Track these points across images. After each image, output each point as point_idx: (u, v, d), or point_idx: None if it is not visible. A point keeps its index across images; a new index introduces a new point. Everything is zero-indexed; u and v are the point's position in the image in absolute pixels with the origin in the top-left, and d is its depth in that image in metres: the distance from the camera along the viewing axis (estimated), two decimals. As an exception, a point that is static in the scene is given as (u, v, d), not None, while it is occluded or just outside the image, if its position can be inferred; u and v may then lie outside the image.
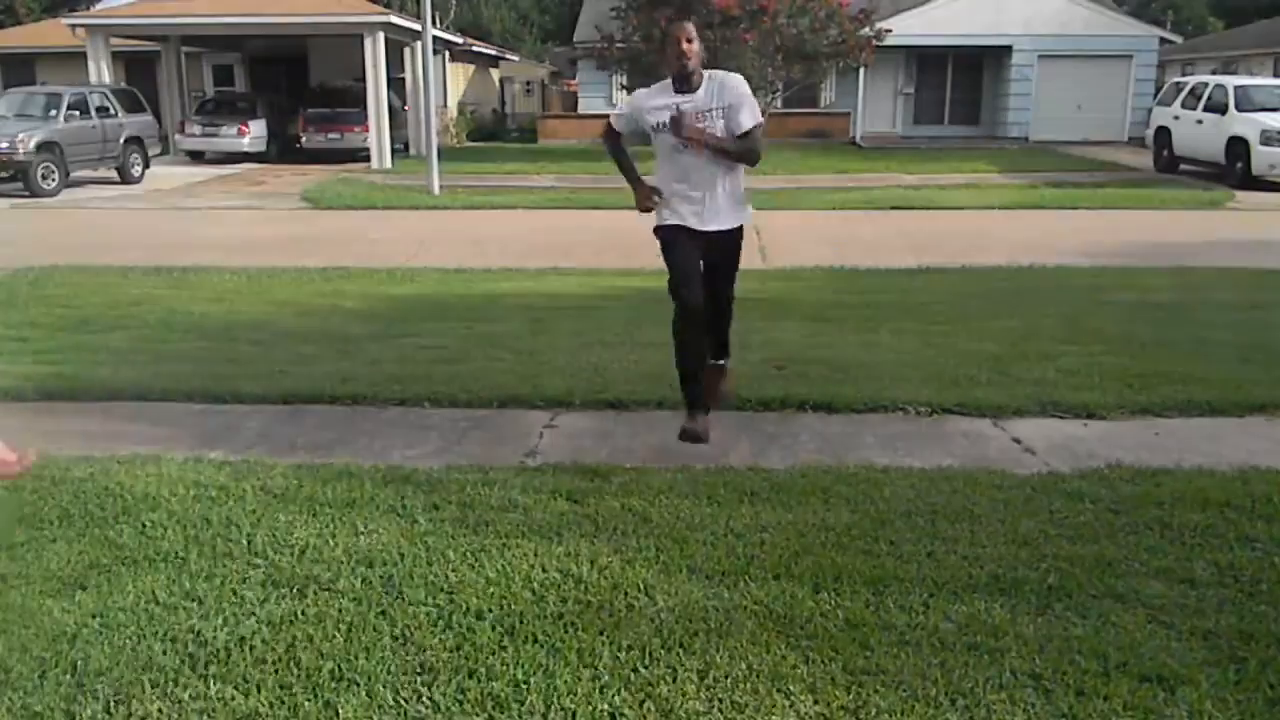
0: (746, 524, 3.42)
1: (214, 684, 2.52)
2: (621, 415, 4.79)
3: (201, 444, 4.41)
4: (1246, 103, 16.86)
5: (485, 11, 49.58)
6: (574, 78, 31.17)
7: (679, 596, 2.92)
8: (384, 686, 2.50)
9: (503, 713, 2.38)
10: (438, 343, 6.29)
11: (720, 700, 2.41)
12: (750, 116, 4.02)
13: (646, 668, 2.55)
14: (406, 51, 23.93)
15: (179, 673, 2.58)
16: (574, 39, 27.93)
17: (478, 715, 2.38)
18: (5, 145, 15.45)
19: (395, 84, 23.28)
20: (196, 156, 22.42)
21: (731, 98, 4.01)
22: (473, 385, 5.18)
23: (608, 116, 4.54)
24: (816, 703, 2.40)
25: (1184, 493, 3.67)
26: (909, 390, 4.97)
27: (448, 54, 27.28)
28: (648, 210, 4.21)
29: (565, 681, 2.49)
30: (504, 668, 2.56)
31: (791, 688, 2.46)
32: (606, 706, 2.36)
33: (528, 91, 37.86)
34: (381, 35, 20.96)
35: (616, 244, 10.22)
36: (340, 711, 2.41)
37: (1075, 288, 8.21)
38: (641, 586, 2.97)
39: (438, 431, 4.61)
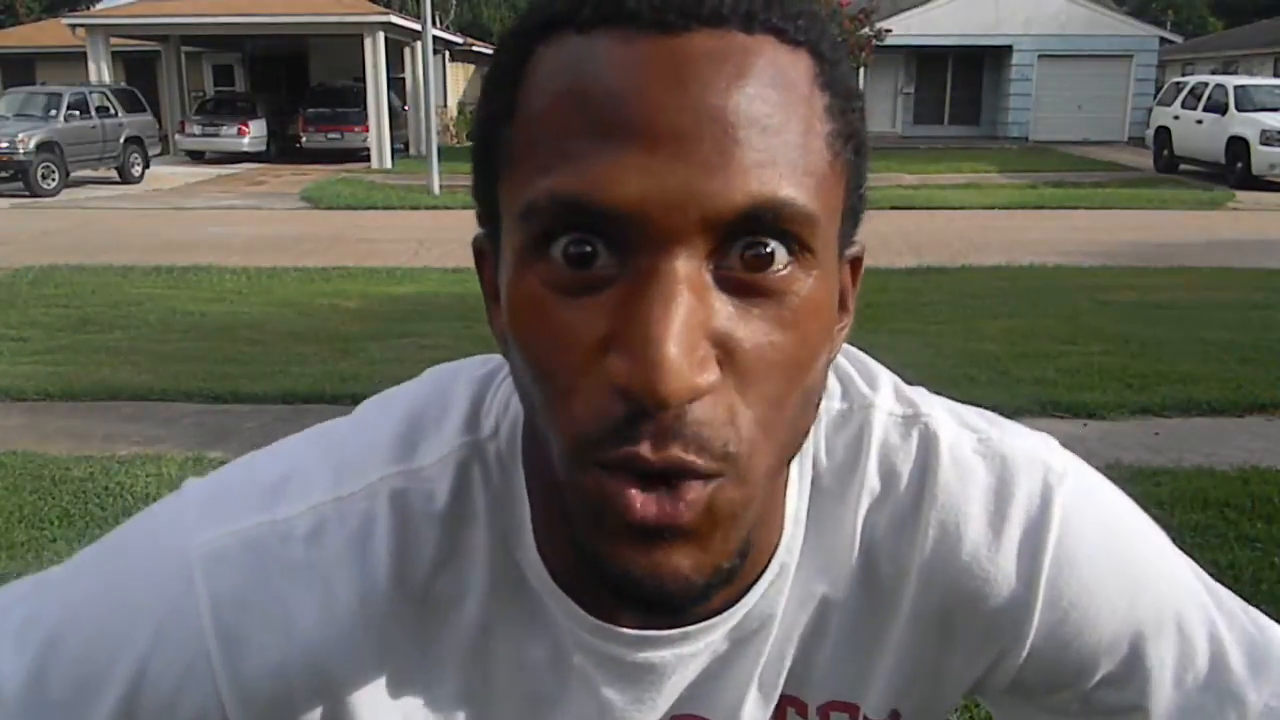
0: (746, 524, 3.41)
1: (214, 684, 2.52)
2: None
3: (201, 444, 4.41)
4: (1246, 103, 16.85)
5: (485, 11, 49.63)
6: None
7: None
8: (384, 686, 2.50)
9: (502, 713, 2.38)
10: (438, 343, 6.29)
11: (720, 700, 2.41)
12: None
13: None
14: (406, 51, 23.93)
15: None
16: (574, 39, 27.91)
17: (478, 715, 2.38)
18: (5, 145, 15.44)
19: (395, 84, 23.27)
20: (196, 156, 22.41)
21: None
22: (473, 385, 5.18)
23: None
24: (816, 703, 2.40)
25: (1184, 493, 3.67)
26: (909, 390, 4.96)
27: (448, 54, 27.28)
28: None
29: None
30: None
31: (791, 688, 2.45)
32: (606, 706, 2.36)
33: (528, 91, 37.84)
34: (381, 35, 20.95)
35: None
36: (340, 711, 2.41)
37: (1075, 288, 8.21)
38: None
39: (438, 431, 4.60)
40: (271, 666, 0.53)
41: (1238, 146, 16.46)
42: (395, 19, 21.76)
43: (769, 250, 0.43)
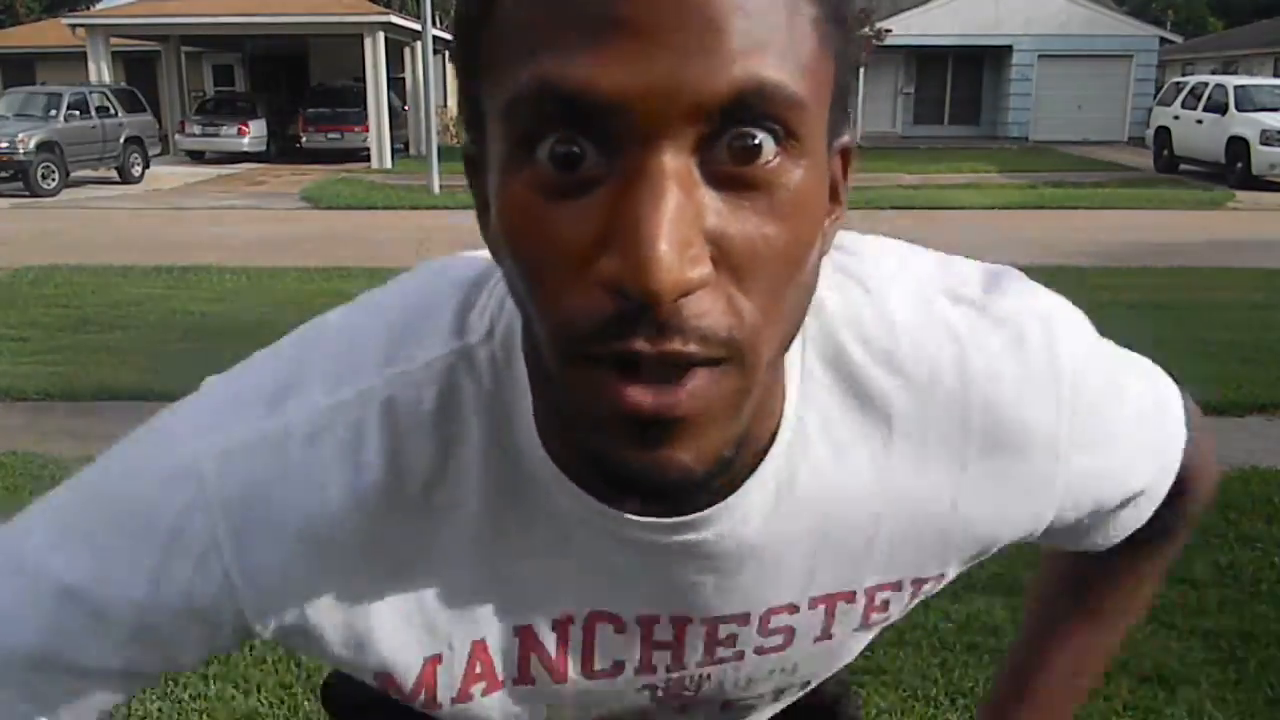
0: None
1: (214, 684, 2.52)
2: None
3: (201, 444, 4.41)
4: (1246, 103, 16.85)
5: (485, 11, 49.57)
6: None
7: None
8: (384, 686, 2.50)
9: (503, 713, 2.38)
10: (438, 343, 6.29)
11: (720, 700, 2.41)
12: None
13: (646, 667, 2.54)
14: (406, 51, 23.94)
15: (179, 672, 2.57)
16: (574, 39, 27.89)
17: (478, 715, 2.38)
18: (5, 145, 15.44)
19: (395, 84, 23.27)
20: (196, 156, 22.41)
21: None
22: (473, 385, 5.18)
23: None
24: (816, 702, 2.40)
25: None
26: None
27: (448, 54, 27.25)
28: None
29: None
30: (504, 668, 2.56)
31: (791, 687, 2.46)
32: (606, 706, 2.36)
33: (528, 91, 37.83)
34: (381, 35, 20.95)
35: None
36: (340, 711, 2.41)
37: (1075, 288, 8.16)
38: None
39: (438, 431, 4.61)
40: (275, 557, 0.56)
41: (1238, 146, 16.46)
42: (395, 19, 21.76)
43: (756, 142, 0.42)
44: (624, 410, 0.43)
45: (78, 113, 16.95)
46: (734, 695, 0.68)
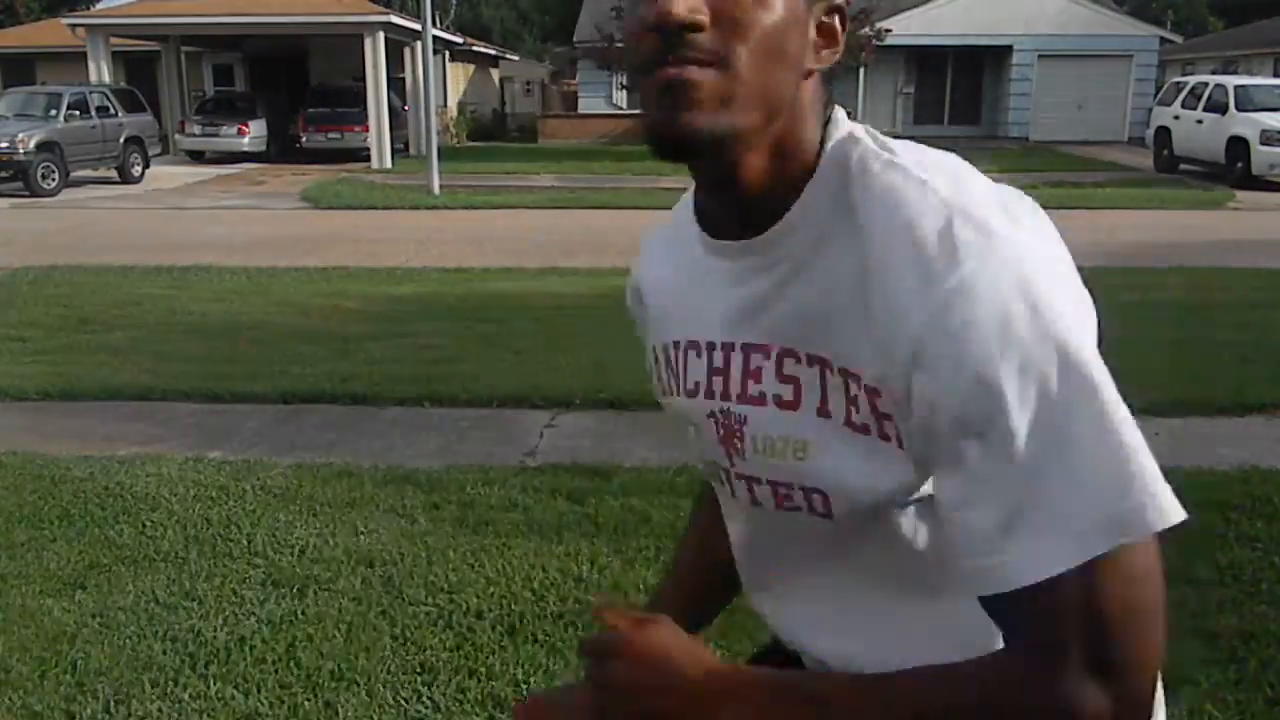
0: (746, 524, 3.41)
1: (214, 684, 2.53)
2: (621, 415, 4.79)
3: (201, 444, 4.42)
4: (1246, 103, 16.85)
5: (485, 11, 49.60)
6: (574, 77, 31.15)
7: (679, 596, 2.91)
8: (384, 686, 2.50)
9: (503, 712, 2.39)
10: (438, 342, 6.29)
11: (720, 700, 2.41)
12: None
13: (646, 667, 2.54)
14: (406, 51, 23.92)
15: (179, 672, 2.58)
16: (574, 39, 27.91)
17: (478, 715, 2.38)
18: (5, 145, 15.44)
19: (395, 84, 23.26)
20: (196, 156, 22.41)
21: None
22: (473, 385, 5.19)
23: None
24: (816, 702, 2.40)
25: (1184, 492, 3.67)
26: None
27: (448, 54, 27.28)
28: None
29: (565, 681, 2.49)
30: (504, 668, 2.56)
31: (791, 687, 2.45)
32: (606, 706, 2.36)
33: (528, 91, 37.81)
34: (381, 35, 20.95)
35: (616, 244, 10.22)
36: (340, 711, 2.41)
37: (1075, 288, 8.20)
38: (641, 586, 2.98)
39: (438, 431, 4.61)
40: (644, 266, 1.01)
41: (1238, 146, 16.46)
42: (395, 19, 21.75)
43: None
44: (659, 80, 0.73)
45: (78, 113, 16.95)
46: (767, 468, 0.85)
